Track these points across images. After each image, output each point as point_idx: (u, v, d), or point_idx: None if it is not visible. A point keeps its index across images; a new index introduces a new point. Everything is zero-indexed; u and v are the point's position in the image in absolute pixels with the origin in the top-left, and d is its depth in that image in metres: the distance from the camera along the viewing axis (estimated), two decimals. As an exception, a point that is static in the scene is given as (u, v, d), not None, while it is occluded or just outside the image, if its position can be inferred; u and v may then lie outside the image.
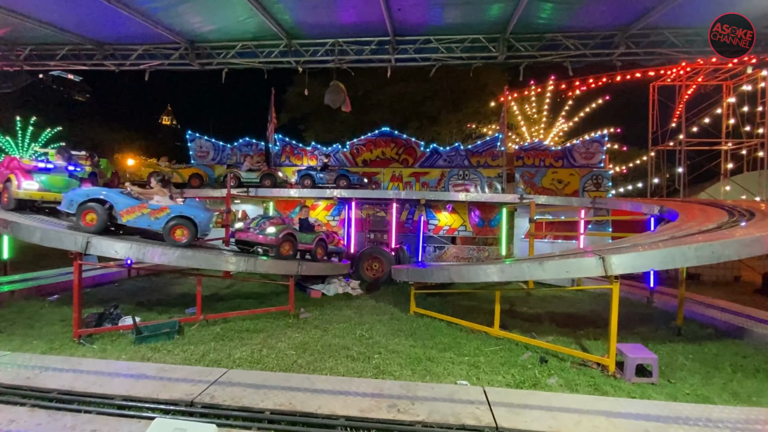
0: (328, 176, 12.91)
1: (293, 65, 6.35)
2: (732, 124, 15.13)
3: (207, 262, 6.62)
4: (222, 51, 6.44)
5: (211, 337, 6.18)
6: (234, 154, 14.90)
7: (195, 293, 6.75)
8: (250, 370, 4.91)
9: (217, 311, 7.42)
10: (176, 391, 4.11)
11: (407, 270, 8.25)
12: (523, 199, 11.96)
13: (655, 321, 7.68)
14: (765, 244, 5.29)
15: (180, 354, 5.48)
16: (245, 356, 5.45)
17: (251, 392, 4.11)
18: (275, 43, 6.23)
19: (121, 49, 6.92)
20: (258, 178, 12.85)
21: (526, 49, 5.78)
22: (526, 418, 3.70)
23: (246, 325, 6.81)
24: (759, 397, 4.58)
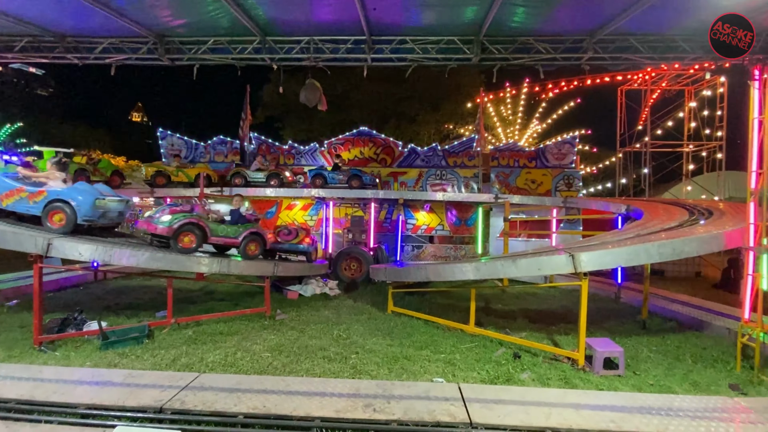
0: (340, 176, 12.78)
1: (267, 62, 6.23)
2: (693, 127, 15.92)
3: (178, 263, 6.42)
4: (193, 46, 6.24)
5: (182, 341, 6.00)
6: (208, 152, 14.53)
7: (166, 296, 6.54)
8: (223, 374, 4.81)
9: (189, 314, 7.22)
10: (144, 397, 3.98)
11: (385, 269, 8.27)
12: (498, 198, 12.22)
13: (622, 315, 8.00)
14: (722, 241, 5.61)
15: (149, 359, 5.30)
16: (218, 360, 5.33)
17: (224, 396, 4.02)
18: (249, 40, 6.09)
19: (85, 41, 6.59)
20: (265, 178, 12.69)
21: (499, 51, 5.88)
22: (499, 413, 3.78)
23: (219, 328, 6.66)
24: (717, 386, 4.85)
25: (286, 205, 13.74)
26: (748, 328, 5.30)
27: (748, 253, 5.48)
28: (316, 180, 12.67)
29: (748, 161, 5.58)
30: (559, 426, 3.58)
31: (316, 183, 12.62)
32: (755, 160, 5.43)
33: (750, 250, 5.45)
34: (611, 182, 20.60)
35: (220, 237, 7.37)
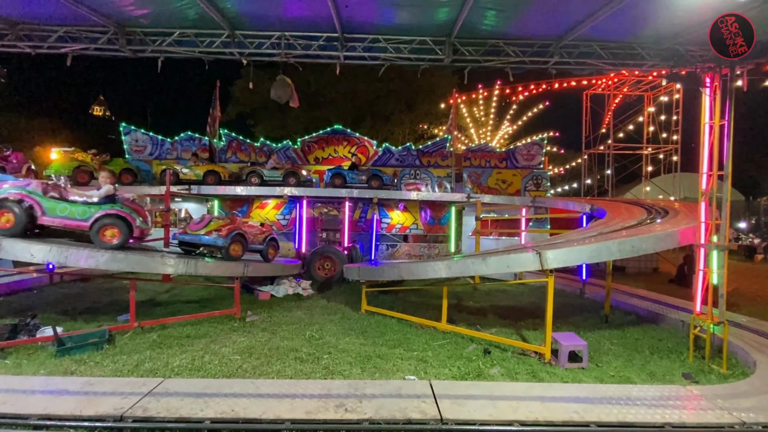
0: (360, 176, 12.66)
1: (237, 57, 6.05)
2: (652, 131, 16.84)
3: (141, 264, 6.15)
4: (157, 38, 5.97)
5: (146, 346, 5.76)
6: (174, 149, 13.99)
7: (128, 299, 6.25)
8: (190, 378, 4.65)
9: (154, 317, 6.93)
10: (103, 405, 3.79)
11: (359, 268, 8.25)
12: (470, 198, 12.45)
13: (586, 310, 8.35)
14: (676, 238, 5.95)
15: (110, 365, 5.05)
16: (185, 364, 5.15)
17: (190, 402, 3.89)
18: (217, 33, 5.89)
19: (38, 29, 6.18)
20: (281, 176, 12.54)
21: (470, 53, 5.98)
22: (469, 408, 3.85)
23: (186, 331, 6.43)
24: (672, 376, 5.14)
25: (257, 204, 13.44)
26: (700, 320, 5.65)
27: (699, 250, 5.84)
28: (335, 180, 12.61)
29: (699, 164, 5.94)
30: (525, 419, 3.69)
31: (335, 183, 12.58)
32: (706, 163, 5.79)
33: (701, 247, 5.81)
34: (577, 182, 21.48)
35: (57, 217, 6.07)
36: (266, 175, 12.49)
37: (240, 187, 11.99)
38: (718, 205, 5.77)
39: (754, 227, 18.81)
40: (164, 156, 13.90)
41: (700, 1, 4.78)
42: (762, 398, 4.18)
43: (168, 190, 10.11)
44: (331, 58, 6.09)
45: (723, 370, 5.21)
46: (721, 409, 3.93)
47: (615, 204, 10.47)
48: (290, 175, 12.59)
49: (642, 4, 4.88)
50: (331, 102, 25.10)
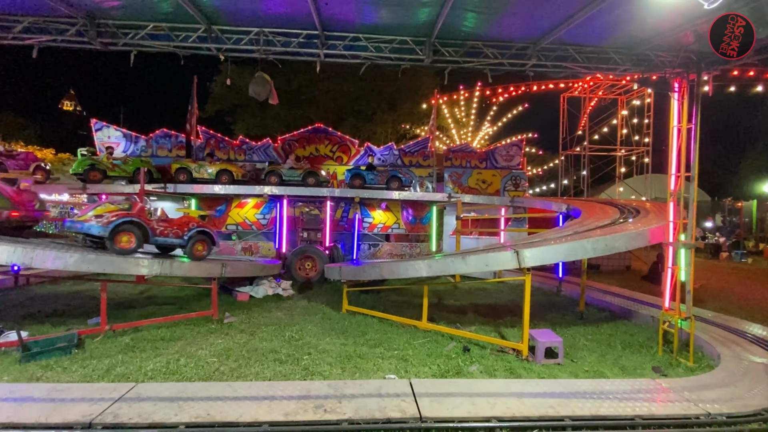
0: (379, 177, 12.51)
1: (214, 53, 5.90)
2: (625, 133, 17.44)
3: (113, 265, 5.93)
4: (130, 31, 5.75)
5: (118, 350, 5.56)
6: (150, 146, 13.57)
7: (99, 301, 6.03)
8: (164, 383, 4.53)
9: (126, 320, 6.70)
10: (71, 412, 3.64)
11: (340, 268, 8.21)
12: (451, 197, 12.57)
13: (562, 307, 8.56)
14: (646, 237, 6.17)
15: (79, 371, 4.86)
16: (159, 367, 5.01)
17: (164, 406, 3.78)
18: (193, 28, 5.72)
19: (2, 20, 5.88)
20: (301, 177, 12.41)
21: (450, 54, 6.03)
22: (448, 405, 3.89)
23: (161, 334, 6.25)
24: (642, 369, 5.33)
25: (236, 203, 13.19)
26: (668, 315, 5.88)
27: (668, 248, 6.07)
28: (355, 181, 12.49)
29: (668, 165, 6.18)
30: (503, 414, 3.75)
31: (354, 184, 12.47)
32: (674, 165, 6.03)
33: (669, 245, 6.04)
34: (554, 183, 22.04)
35: None
36: (285, 175, 12.39)
37: (217, 185, 11.73)
38: (685, 206, 6.02)
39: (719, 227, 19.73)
40: (138, 153, 13.47)
41: (670, 10, 4.97)
42: (726, 390, 4.39)
43: (142, 189, 9.82)
44: (311, 55, 6.03)
45: (690, 363, 5.44)
46: (687, 401, 4.10)
47: (590, 204, 10.78)
48: (310, 175, 12.52)
49: (614, 11, 5.04)
50: (313, 100, 24.89)
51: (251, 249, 13.02)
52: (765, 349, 5.69)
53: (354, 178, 12.56)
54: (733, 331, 6.49)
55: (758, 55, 5.75)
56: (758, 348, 5.71)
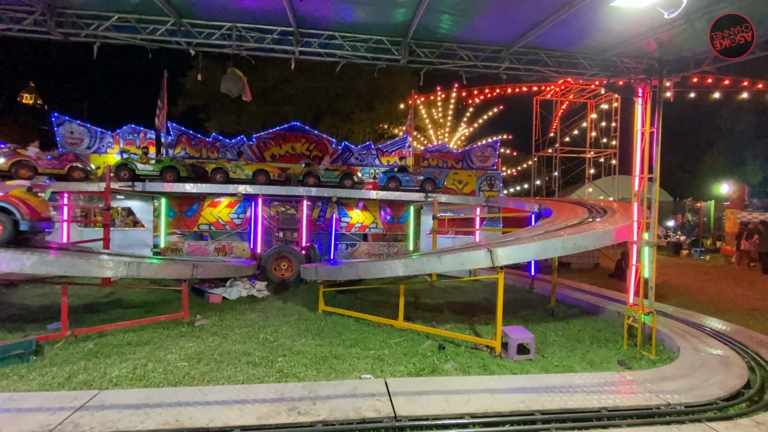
0: (414, 179, 12.48)
1: (183, 47, 5.69)
2: (594, 136, 18.11)
3: (75, 267, 5.64)
4: (93, 22, 5.47)
5: (80, 356, 5.31)
6: (116, 142, 13.00)
7: (60, 305, 5.73)
8: (130, 389, 4.35)
9: (90, 324, 6.42)
10: (28, 423, 3.44)
11: (316, 268, 8.12)
12: (428, 197, 12.68)
13: (534, 304, 8.80)
14: (612, 236, 6.42)
15: (37, 379, 4.61)
16: (125, 373, 4.81)
17: (129, 414, 3.63)
18: (162, 20, 5.50)
19: (-49, 6, 5.49)
20: (338, 178, 12.53)
21: (426, 55, 6.07)
22: (422, 404, 3.92)
23: (128, 338, 6.02)
24: (608, 363, 5.54)
25: (209, 202, 12.84)
26: (632, 311, 6.14)
27: (632, 246, 6.35)
28: (390, 183, 12.53)
29: (633, 167, 6.45)
30: (476, 411, 3.82)
31: (389, 186, 12.51)
32: (638, 167, 6.30)
33: (634, 244, 6.31)
34: (528, 183, 22.63)
35: None
36: (322, 176, 12.45)
37: (189, 184, 11.38)
38: (648, 206, 6.30)
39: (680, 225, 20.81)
40: (104, 150, 12.89)
41: (633, 19, 5.18)
42: (684, 381, 4.63)
43: (108, 187, 9.41)
44: (286, 52, 5.92)
45: (652, 356, 5.70)
46: (649, 392, 4.30)
47: (561, 204, 11.12)
48: (346, 176, 12.63)
49: (582, 18, 5.22)
50: (290, 98, 24.52)
51: (225, 249, 12.71)
52: (721, 341, 6.04)
53: (390, 180, 12.70)
54: (692, 325, 6.85)
55: (715, 64, 6.08)
56: (715, 340, 6.06)
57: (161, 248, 12.29)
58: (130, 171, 11.25)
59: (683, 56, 6.20)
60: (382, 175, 13.04)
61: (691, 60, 6.21)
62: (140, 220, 12.40)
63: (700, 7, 4.86)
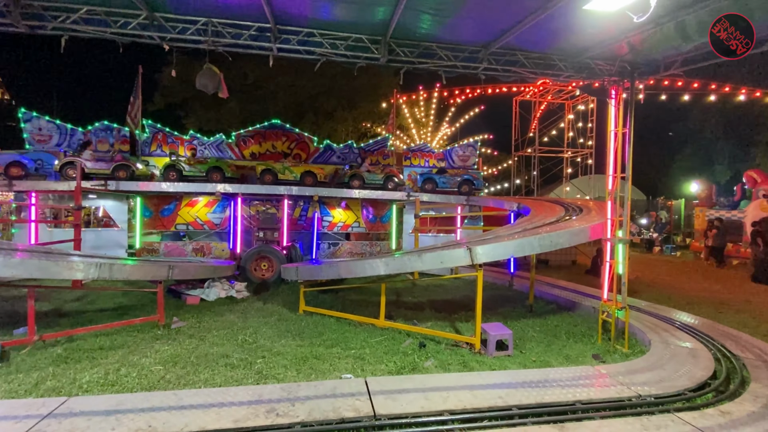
0: (451, 180, 12.52)
1: (157, 41, 5.52)
2: (571, 136, 18.56)
3: (42, 270, 5.40)
4: (60, 14, 5.24)
5: (49, 361, 5.10)
6: (89, 139, 12.52)
7: (26, 309, 5.49)
8: (101, 395, 4.20)
9: (60, 329, 6.19)
10: (-11, 434, 3.28)
11: (297, 268, 8.04)
12: (410, 196, 12.73)
13: (513, 301, 8.96)
14: (587, 233, 6.59)
15: (2, 386, 4.42)
16: (96, 379, 4.66)
17: (99, 420, 3.51)
18: (133, 14, 5.32)
19: None
20: (382, 180, 12.76)
21: (405, 54, 6.08)
22: (402, 402, 3.93)
23: (100, 342, 5.82)
24: (584, 357, 5.69)
25: (186, 201, 12.53)
26: (607, 306, 6.32)
27: (606, 244, 6.53)
28: (427, 185, 12.63)
29: (606, 166, 6.64)
30: (455, 408, 3.85)
31: (425, 188, 12.61)
32: (612, 166, 6.48)
33: (607, 241, 6.50)
34: (508, 182, 23.00)
35: None
36: (367, 178, 12.68)
37: (165, 183, 11.08)
38: (621, 204, 6.49)
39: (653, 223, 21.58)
40: (75, 147, 12.40)
41: (606, 22, 5.33)
42: (654, 373, 4.79)
43: (78, 186, 9.07)
44: (264, 49, 5.83)
45: (625, 349, 5.88)
46: (621, 384, 4.43)
47: (539, 202, 11.35)
48: (389, 178, 12.84)
49: (557, 20, 5.33)
50: (271, 96, 24.18)
51: (203, 250, 12.43)
52: (689, 334, 6.28)
53: (426, 182, 12.86)
54: (663, 319, 7.10)
55: (683, 67, 6.30)
56: (684, 334, 6.30)
57: (136, 249, 11.94)
58: (177, 172, 11.53)
59: (653, 59, 6.41)
60: (419, 177, 13.30)
61: (661, 63, 6.43)
62: (114, 220, 12.00)
63: (667, 13, 5.04)
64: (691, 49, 5.75)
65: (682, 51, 5.83)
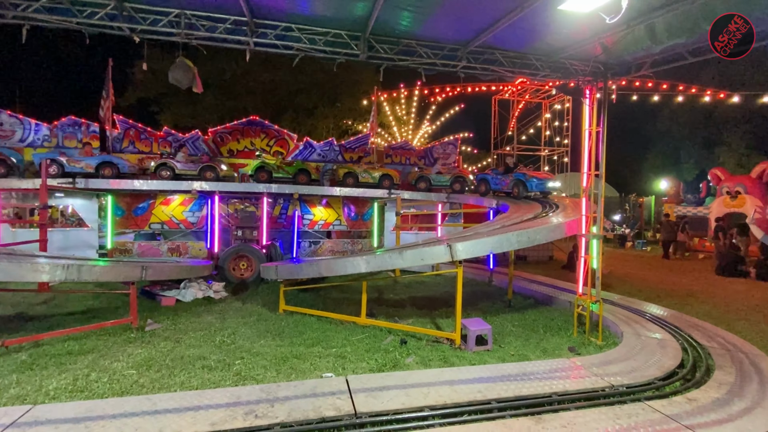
0: (505, 179, 12.43)
1: (127, 33, 5.29)
2: (548, 135, 18.98)
3: (4, 272, 5.12)
4: (21, 2, 4.94)
5: (11, 368, 4.86)
6: (54, 135, 11.97)
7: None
8: (69, 402, 4.03)
9: (24, 333, 5.90)
10: (-56, 447, 3.09)
11: (276, 267, 7.91)
12: (391, 194, 12.74)
13: (493, 297, 9.10)
14: (563, 230, 6.75)
15: (-41, 396, 4.16)
16: (64, 385, 4.47)
17: (66, 429, 3.37)
18: (101, 3, 5.09)
19: None
20: (449, 182, 13.24)
21: (385, 51, 6.06)
22: (382, 399, 3.93)
23: (68, 347, 5.58)
24: (560, 350, 5.84)
25: (161, 200, 12.15)
26: (582, 300, 6.51)
27: (581, 239, 6.71)
28: (482, 186, 12.84)
29: (581, 164, 6.81)
30: (435, 403, 3.89)
31: (481, 189, 12.79)
32: (586, 164, 6.66)
33: (582, 237, 6.68)
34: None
35: None
36: (434, 181, 13.23)
37: (138, 180, 10.70)
38: (595, 201, 6.68)
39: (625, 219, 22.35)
40: (41, 143, 11.83)
41: (580, 23, 5.45)
42: (626, 364, 4.96)
43: (44, 184, 8.67)
44: (240, 43, 5.68)
45: (599, 341, 6.07)
46: (595, 375, 4.57)
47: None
48: (457, 180, 13.24)
49: (533, 19, 5.41)
50: (250, 92, 23.67)
51: (179, 249, 12.09)
52: (659, 325, 6.54)
53: (480, 183, 13.06)
54: (635, 311, 7.37)
55: (653, 68, 6.53)
56: (654, 325, 6.55)
57: (108, 249, 11.50)
58: (267, 173, 11.95)
59: (625, 60, 6.61)
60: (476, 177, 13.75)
61: (632, 64, 6.64)
62: (83, 219, 11.51)
63: (638, 15, 5.20)
64: (660, 51, 5.96)
65: (651, 53, 6.04)
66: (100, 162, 10.84)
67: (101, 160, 10.91)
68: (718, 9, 4.63)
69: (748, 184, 15.43)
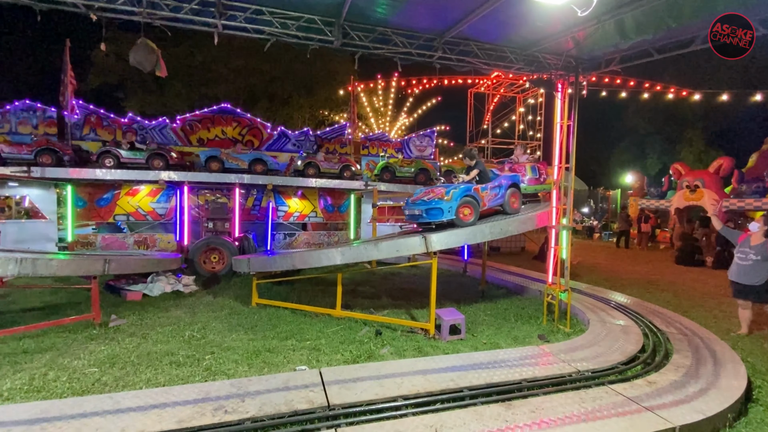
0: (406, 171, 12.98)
1: (82, 11, 4.93)
2: (522, 128, 19.32)
3: (-53, 267, 4.75)
4: (-39, -28, 4.56)
5: (-41, 370, 4.53)
6: (6, 121, 11.15)
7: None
8: (24, 403, 3.80)
9: (-27, 333, 5.50)
10: None
11: (248, 260, 7.72)
12: (368, 185, 12.66)
13: (467, 287, 9.26)
14: (534, 221, 6.91)
15: None
16: (20, 386, 4.22)
17: (21, 431, 3.16)
18: (53, -23, 4.75)
19: None
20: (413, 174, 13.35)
21: (360, 38, 5.94)
22: (356, 390, 3.91)
23: (24, 345, 5.27)
24: (530, 338, 6.00)
25: (126, 190, 11.60)
26: (551, 289, 6.70)
27: (551, 230, 6.89)
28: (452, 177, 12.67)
29: (552, 157, 6.96)
30: (408, 393, 3.90)
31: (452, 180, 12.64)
32: (557, 157, 6.81)
33: (553, 228, 6.86)
34: (464, 173, 23.60)
35: None
36: (397, 172, 13.16)
37: (100, 170, 10.16)
38: (565, 193, 6.86)
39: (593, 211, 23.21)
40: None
41: (553, 16, 5.52)
42: (591, 350, 5.15)
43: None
44: (208, 25, 5.41)
45: (567, 329, 6.28)
46: (563, 362, 4.72)
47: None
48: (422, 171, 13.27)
49: (506, 11, 5.43)
50: (222, 79, 22.81)
51: (146, 242, 11.63)
52: (623, 313, 6.83)
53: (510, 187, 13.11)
54: (601, 300, 7.67)
55: (621, 64, 6.71)
56: (618, 312, 6.83)
57: (68, 242, 10.91)
58: (391, 173, 12.93)
59: (595, 55, 6.76)
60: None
61: (602, 59, 6.80)
62: (41, 210, 10.85)
63: (608, 11, 5.31)
64: (628, 47, 6.13)
65: (620, 48, 6.19)
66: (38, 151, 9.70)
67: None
68: (684, 7, 4.78)
69: (706, 179, 16.29)
